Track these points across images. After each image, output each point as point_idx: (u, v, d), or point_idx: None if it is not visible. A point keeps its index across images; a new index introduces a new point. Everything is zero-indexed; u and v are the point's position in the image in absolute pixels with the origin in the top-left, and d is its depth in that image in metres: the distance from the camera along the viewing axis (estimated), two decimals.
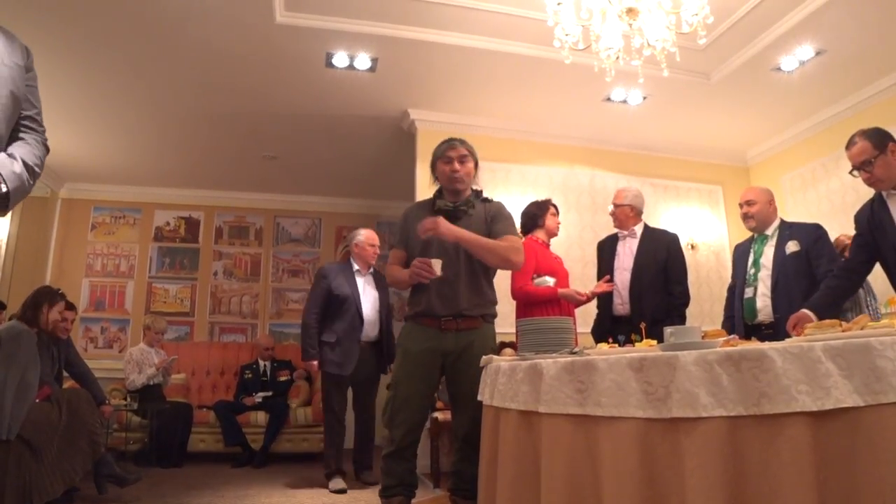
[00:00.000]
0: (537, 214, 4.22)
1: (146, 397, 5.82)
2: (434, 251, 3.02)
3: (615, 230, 4.42)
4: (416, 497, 3.11)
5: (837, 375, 1.61)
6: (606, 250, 4.43)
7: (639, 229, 4.33)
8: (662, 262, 4.18)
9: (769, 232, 3.93)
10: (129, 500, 4.05)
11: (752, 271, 3.93)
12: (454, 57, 4.85)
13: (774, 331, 3.57)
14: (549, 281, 3.94)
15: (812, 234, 3.78)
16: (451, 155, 3.14)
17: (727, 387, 1.69)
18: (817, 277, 3.64)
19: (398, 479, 2.98)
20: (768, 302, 3.77)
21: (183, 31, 4.43)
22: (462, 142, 3.20)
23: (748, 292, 3.90)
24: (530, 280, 3.92)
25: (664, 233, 4.41)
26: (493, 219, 3.15)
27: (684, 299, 4.20)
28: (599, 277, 4.33)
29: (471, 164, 3.17)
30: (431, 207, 3.14)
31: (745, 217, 3.98)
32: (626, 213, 4.33)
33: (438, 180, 3.23)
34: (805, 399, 1.59)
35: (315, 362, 4.79)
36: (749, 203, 3.96)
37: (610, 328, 4.06)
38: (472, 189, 3.24)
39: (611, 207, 4.41)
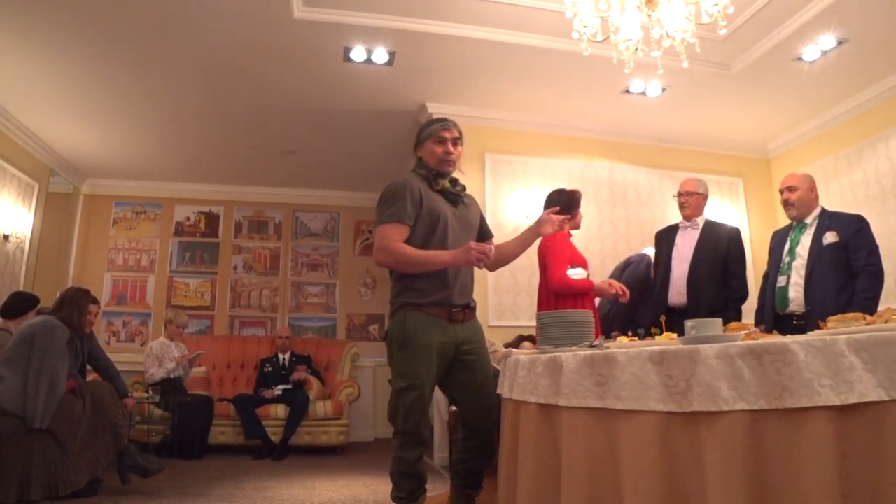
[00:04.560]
0: (570, 205, 4.01)
1: (168, 390, 5.88)
2: (455, 235, 2.90)
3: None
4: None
5: (861, 369, 1.59)
6: (665, 241, 4.42)
7: (701, 221, 4.31)
8: (723, 255, 4.17)
9: (808, 220, 3.82)
10: (151, 491, 4.10)
11: (786, 260, 3.84)
12: (472, 50, 4.83)
13: (806, 322, 3.50)
14: (583, 273, 3.88)
15: (852, 226, 3.67)
16: (444, 135, 2.95)
17: (749, 380, 1.68)
18: (855, 270, 3.56)
19: (423, 478, 2.90)
20: (801, 291, 3.68)
21: (201, 27, 4.46)
22: (455, 123, 3.04)
23: (781, 281, 3.82)
24: (566, 271, 3.84)
25: (726, 226, 4.39)
26: (481, 216, 3.17)
27: (743, 293, 4.18)
28: (656, 267, 4.39)
29: (461, 149, 3.02)
30: (429, 185, 2.93)
31: (786, 204, 3.88)
32: (699, 202, 4.31)
33: (424, 160, 3.00)
34: (828, 393, 1.58)
35: None
36: (790, 189, 3.85)
37: (666, 318, 4.02)
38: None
39: (680, 196, 4.35)
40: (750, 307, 4.22)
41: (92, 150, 6.74)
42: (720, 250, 4.18)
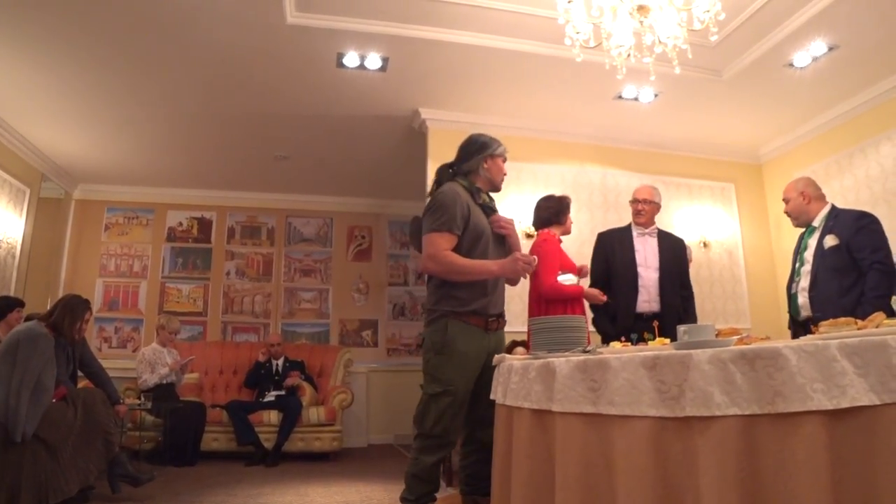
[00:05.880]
0: (559, 211, 4.09)
1: (160, 396, 5.85)
2: (493, 247, 3.02)
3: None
4: None
5: (853, 374, 1.60)
6: (615, 243, 4.33)
7: (654, 229, 4.35)
8: (679, 263, 4.28)
9: (816, 223, 3.77)
10: (143, 498, 4.08)
11: (796, 265, 3.83)
12: (465, 56, 4.84)
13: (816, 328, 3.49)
14: (573, 279, 3.89)
15: (853, 225, 3.55)
16: (507, 157, 3.22)
17: (741, 385, 1.68)
18: (863, 270, 3.46)
19: (437, 484, 2.94)
20: (807, 296, 3.65)
21: (194, 32, 4.45)
22: None
23: (793, 287, 3.82)
24: (557, 277, 3.84)
25: (674, 235, 4.50)
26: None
27: (692, 299, 4.37)
28: (600, 267, 4.30)
29: None
30: (472, 198, 3.04)
31: (787, 215, 3.93)
32: (654, 210, 4.34)
33: (487, 171, 3.12)
34: (820, 397, 1.58)
35: None
36: (784, 200, 3.88)
37: (632, 325, 3.94)
38: None
39: (636, 203, 4.35)
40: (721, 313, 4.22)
41: (84, 155, 6.71)
42: (678, 258, 4.29)
